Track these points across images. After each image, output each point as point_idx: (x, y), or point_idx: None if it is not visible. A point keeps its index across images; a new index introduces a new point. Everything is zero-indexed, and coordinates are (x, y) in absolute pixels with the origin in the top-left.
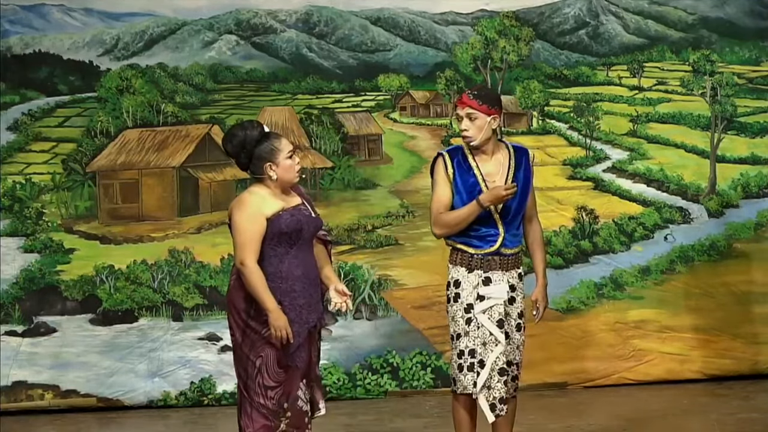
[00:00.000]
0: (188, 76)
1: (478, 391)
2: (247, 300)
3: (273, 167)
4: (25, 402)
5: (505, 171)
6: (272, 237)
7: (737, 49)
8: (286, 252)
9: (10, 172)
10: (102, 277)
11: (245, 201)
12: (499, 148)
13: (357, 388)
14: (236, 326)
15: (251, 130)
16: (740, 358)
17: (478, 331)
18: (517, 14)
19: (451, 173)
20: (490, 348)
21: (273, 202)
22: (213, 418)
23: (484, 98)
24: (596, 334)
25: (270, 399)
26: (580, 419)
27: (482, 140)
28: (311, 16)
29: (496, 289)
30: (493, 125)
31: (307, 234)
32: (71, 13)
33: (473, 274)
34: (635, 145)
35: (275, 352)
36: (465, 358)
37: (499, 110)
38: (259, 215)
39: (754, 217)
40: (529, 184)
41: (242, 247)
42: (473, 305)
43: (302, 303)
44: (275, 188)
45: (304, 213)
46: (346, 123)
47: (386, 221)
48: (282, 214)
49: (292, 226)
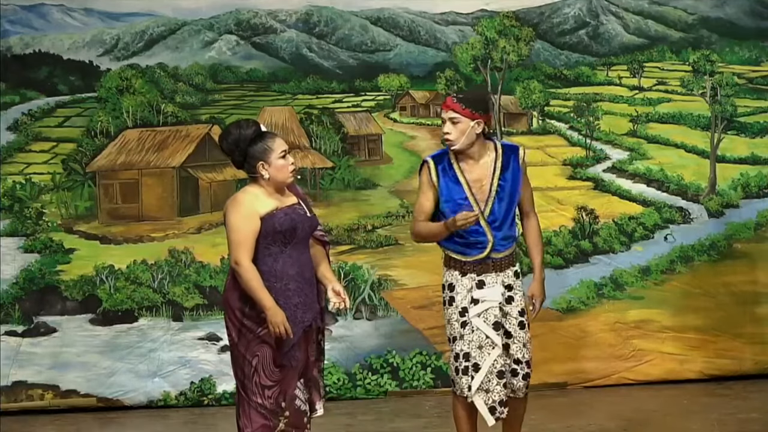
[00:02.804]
0: (188, 76)
1: (472, 394)
2: (242, 299)
3: (265, 166)
4: (25, 402)
5: (491, 175)
6: (266, 236)
7: (737, 49)
8: (281, 251)
9: (10, 172)
10: (102, 277)
11: (239, 200)
12: (486, 151)
13: (357, 388)
14: (232, 326)
15: (246, 128)
16: (740, 358)
17: (473, 334)
18: (517, 14)
19: (435, 180)
20: (486, 351)
21: (267, 201)
22: (213, 418)
23: (468, 102)
24: (596, 334)
25: (267, 398)
26: (580, 419)
27: (464, 145)
28: (311, 16)
29: (489, 292)
30: (477, 130)
31: (301, 233)
32: (71, 13)
33: (467, 278)
34: (635, 145)
35: (271, 352)
36: (460, 361)
37: (485, 115)
38: (253, 214)
39: (754, 217)
40: (517, 185)
41: (236, 246)
42: (468, 309)
43: (297, 302)
44: (269, 187)
45: (298, 212)
46: (346, 123)
47: (386, 221)
48: (276, 213)
49: (286, 225)
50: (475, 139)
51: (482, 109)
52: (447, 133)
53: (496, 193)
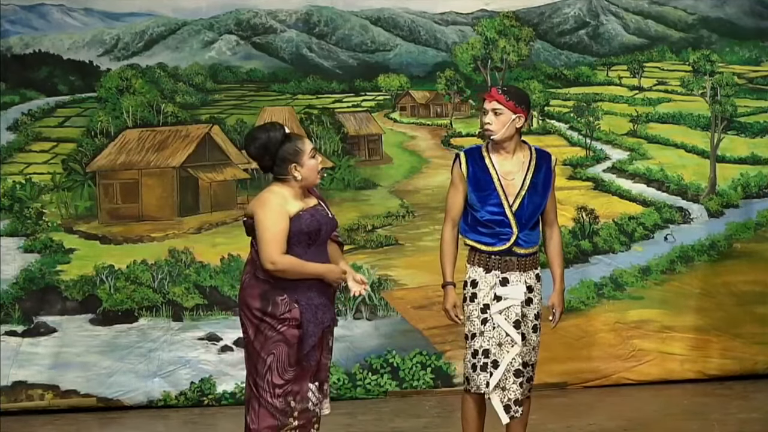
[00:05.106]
0: (188, 76)
1: (490, 391)
2: (261, 298)
3: (297, 168)
4: (25, 402)
5: (524, 172)
6: (292, 236)
7: (737, 49)
8: (304, 252)
9: (10, 172)
10: (102, 277)
11: (268, 200)
12: (521, 149)
13: (357, 388)
14: (249, 324)
15: (274, 131)
16: (740, 358)
17: (494, 331)
18: (517, 14)
19: (465, 170)
20: (506, 349)
21: (294, 202)
22: (213, 418)
23: (512, 95)
24: (596, 334)
25: (278, 397)
26: (580, 419)
27: (503, 136)
28: (311, 16)
29: (513, 290)
30: (518, 124)
31: (324, 234)
32: (71, 13)
33: (491, 275)
34: (635, 145)
35: (287, 351)
36: (479, 357)
37: (526, 111)
38: (284, 213)
39: (754, 217)
40: (548, 189)
41: (269, 244)
42: (490, 305)
43: (318, 303)
44: (296, 189)
45: (321, 213)
46: (346, 123)
47: (386, 221)
48: (302, 214)
49: (313, 226)
50: (514, 134)
51: (524, 105)
52: (488, 123)
53: (527, 191)
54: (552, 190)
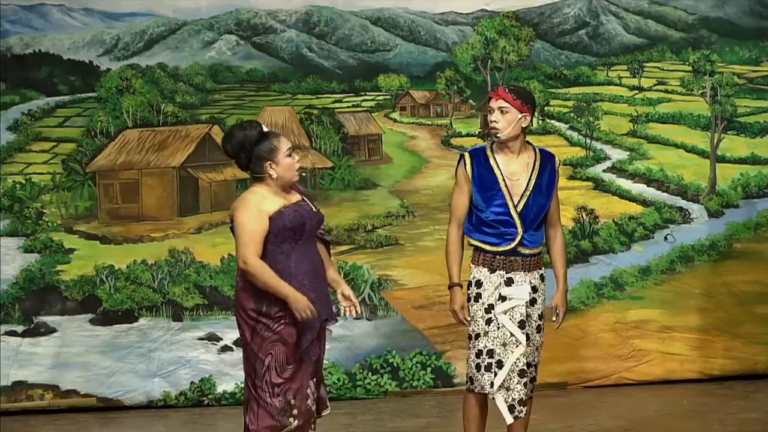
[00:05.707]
0: (188, 76)
1: (494, 391)
2: (255, 299)
3: (273, 166)
4: (25, 402)
5: (529, 172)
6: (277, 234)
7: (737, 49)
8: (292, 248)
9: (10, 172)
10: (102, 277)
11: (247, 200)
12: (525, 150)
13: (357, 388)
14: (245, 325)
15: (250, 130)
16: (740, 358)
17: (498, 331)
18: (517, 14)
19: (469, 171)
20: (510, 349)
21: (274, 200)
22: (213, 418)
23: (518, 94)
24: (596, 334)
25: (277, 397)
26: (580, 419)
27: (509, 135)
28: (311, 16)
29: (517, 290)
30: (523, 123)
31: (310, 228)
32: (71, 13)
33: (495, 275)
34: (635, 145)
35: (285, 350)
36: (483, 357)
37: (531, 110)
38: (261, 213)
39: (754, 217)
40: (552, 189)
41: (244, 245)
42: (494, 306)
43: (312, 297)
44: (276, 187)
45: (305, 208)
46: (346, 123)
47: (386, 221)
48: (284, 210)
49: (296, 221)
50: (519, 133)
51: (530, 104)
52: (494, 121)
53: (532, 191)
54: (556, 191)
